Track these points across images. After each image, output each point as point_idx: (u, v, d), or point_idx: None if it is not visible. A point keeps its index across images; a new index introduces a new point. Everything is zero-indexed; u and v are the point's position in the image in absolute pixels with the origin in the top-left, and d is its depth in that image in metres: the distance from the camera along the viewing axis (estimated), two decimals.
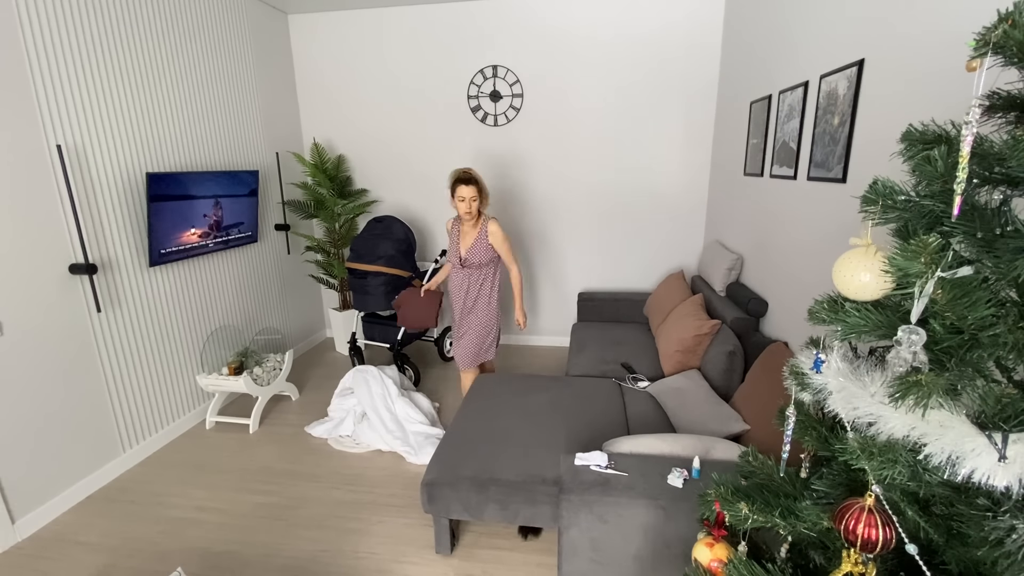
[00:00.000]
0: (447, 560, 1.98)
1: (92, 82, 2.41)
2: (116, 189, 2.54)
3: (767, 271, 2.59)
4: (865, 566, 0.80)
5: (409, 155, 4.12)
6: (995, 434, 0.63)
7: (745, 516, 0.93)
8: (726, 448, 1.73)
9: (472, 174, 2.51)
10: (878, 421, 0.72)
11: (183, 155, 2.96)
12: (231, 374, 2.98)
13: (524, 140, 3.94)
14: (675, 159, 3.82)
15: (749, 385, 2.08)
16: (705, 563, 1.05)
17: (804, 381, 0.88)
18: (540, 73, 3.79)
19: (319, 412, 3.16)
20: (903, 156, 0.77)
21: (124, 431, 2.63)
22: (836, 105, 1.90)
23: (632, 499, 1.51)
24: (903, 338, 0.69)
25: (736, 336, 2.45)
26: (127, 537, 2.14)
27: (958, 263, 0.66)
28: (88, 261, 2.34)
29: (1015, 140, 0.63)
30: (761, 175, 2.71)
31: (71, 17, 2.30)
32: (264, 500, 2.36)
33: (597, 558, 1.57)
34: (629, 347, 3.09)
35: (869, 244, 0.76)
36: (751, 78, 2.94)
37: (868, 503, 0.76)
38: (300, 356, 4.22)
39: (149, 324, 2.76)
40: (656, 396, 2.45)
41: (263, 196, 3.70)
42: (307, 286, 4.36)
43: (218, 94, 3.24)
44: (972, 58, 0.64)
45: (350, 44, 3.96)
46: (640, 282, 4.11)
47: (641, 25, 3.60)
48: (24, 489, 2.16)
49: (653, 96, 3.71)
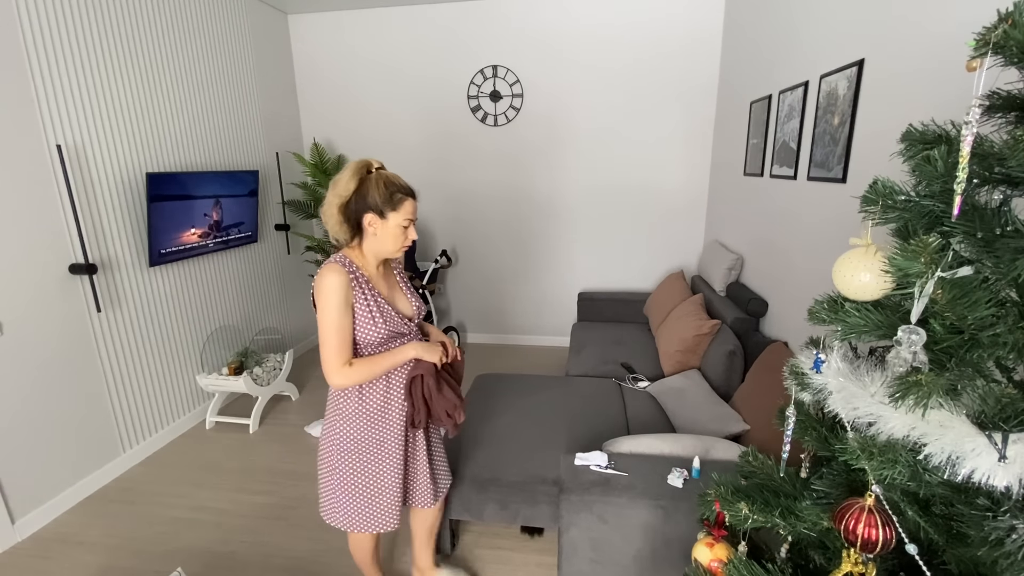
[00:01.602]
0: (447, 560, 1.98)
1: (92, 82, 2.41)
2: (116, 189, 2.54)
3: (767, 271, 2.59)
4: (865, 566, 0.80)
5: (409, 155, 4.12)
6: (995, 434, 0.63)
7: (745, 516, 0.93)
8: (726, 448, 1.73)
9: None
10: (878, 421, 0.72)
11: (183, 155, 2.96)
12: (231, 374, 2.98)
13: (524, 140, 3.94)
14: (675, 159, 3.82)
15: (749, 385, 2.08)
16: (705, 563, 1.05)
17: (804, 381, 0.88)
18: (540, 73, 3.79)
19: (319, 412, 3.16)
20: (903, 156, 0.77)
21: (124, 431, 2.63)
22: (836, 105, 1.90)
23: (632, 499, 1.51)
24: (903, 338, 0.69)
25: (736, 336, 2.44)
26: (127, 537, 2.14)
27: (958, 263, 0.66)
28: (88, 261, 2.34)
29: (1015, 140, 0.63)
30: (761, 175, 2.71)
31: (71, 17, 2.30)
32: (264, 500, 2.36)
33: (597, 558, 1.57)
34: (629, 347, 3.09)
35: (869, 244, 0.76)
36: (751, 78, 2.94)
37: (868, 503, 0.76)
38: (300, 356, 4.22)
39: (149, 324, 2.76)
40: (656, 396, 2.45)
41: (263, 196, 3.70)
42: (307, 286, 4.36)
43: (218, 94, 3.24)
44: (972, 58, 0.64)
45: (350, 44, 3.96)
46: (640, 282, 4.11)
47: (641, 25, 3.60)
48: (24, 489, 2.16)
49: (653, 96, 3.71)
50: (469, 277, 4.35)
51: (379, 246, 1.38)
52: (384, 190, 1.32)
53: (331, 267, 1.32)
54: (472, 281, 4.35)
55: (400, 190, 1.35)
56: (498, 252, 4.23)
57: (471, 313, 4.46)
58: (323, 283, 1.30)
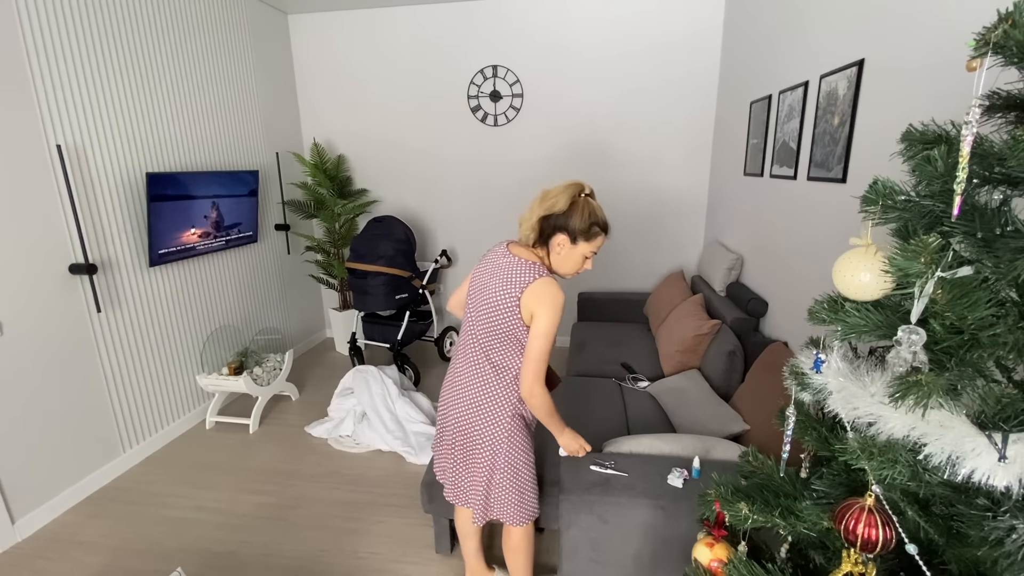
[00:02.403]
0: (447, 560, 1.98)
1: (92, 82, 2.41)
2: (116, 189, 2.54)
3: (767, 271, 2.59)
4: (865, 566, 0.80)
5: (409, 155, 4.12)
6: (995, 434, 0.63)
7: (745, 516, 0.93)
8: (726, 448, 1.73)
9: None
10: (878, 421, 0.72)
11: (183, 155, 2.96)
12: (231, 374, 2.98)
13: (524, 140, 3.94)
14: (675, 159, 3.82)
15: (749, 385, 2.08)
16: (705, 563, 1.05)
17: (804, 381, 0.88)
18: (540, 73, 3.79)
19: (319, 412, 3.16)
20: (903, 156, 0.77)
21: (124, 431, 2.63)
22: (836, 105, 1.90)
23: (632, 499, 1.51)
24: (903, 338, 0.69)
25: (736, 336, 2.44)
26: (127, 537, 2.14)
27: (958, 263, 0.66)
28: (88, 261, 2.34)
29: (1015, 140, 0.62)
30: (761, 175, 2.71)
31: (71, 17, 2.30)
32: (264, 500, 2.36)
33: (597, 558, 1.56)
34: (629, 347, 3.08)
35: (869, 244, 0.76)
36: (751, 78, 2.94)
37: (868, 503, 0.76)
38: (300, 356, 4.22)
39: (149, 324, 2.76)
40: (656, 396, 2.45)
41: (263, 196, 3.70)
42: (307, 286, 4.36)
43: (218, 94, 3.24)
44: (972, 58, 0.64)
45: (350, 44, 3.96)
46: (640, 282, 4.11)
47: (641, 25, 3.60)
48: (24, 489, 2.16)
49: (653, 95, 3.71)
50: None
51: (558, 264, 1.45)
52: (586, 220, 1.39)
53: (553, 280, 1.40)
54: None
55: (599, 224, 1.41)
56: None
57: None
58: (555, 293, 1.37)
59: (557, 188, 1.41)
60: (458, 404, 1.51)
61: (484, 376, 1.47)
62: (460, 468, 1.58)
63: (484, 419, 1.48)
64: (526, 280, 1.37)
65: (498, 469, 1.50)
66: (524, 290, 1.37)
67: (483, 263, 1.52)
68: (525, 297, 1.37)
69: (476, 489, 1.54)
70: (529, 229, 1.43)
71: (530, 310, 1.37)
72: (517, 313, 1.39)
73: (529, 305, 1.37)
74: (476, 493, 1.54)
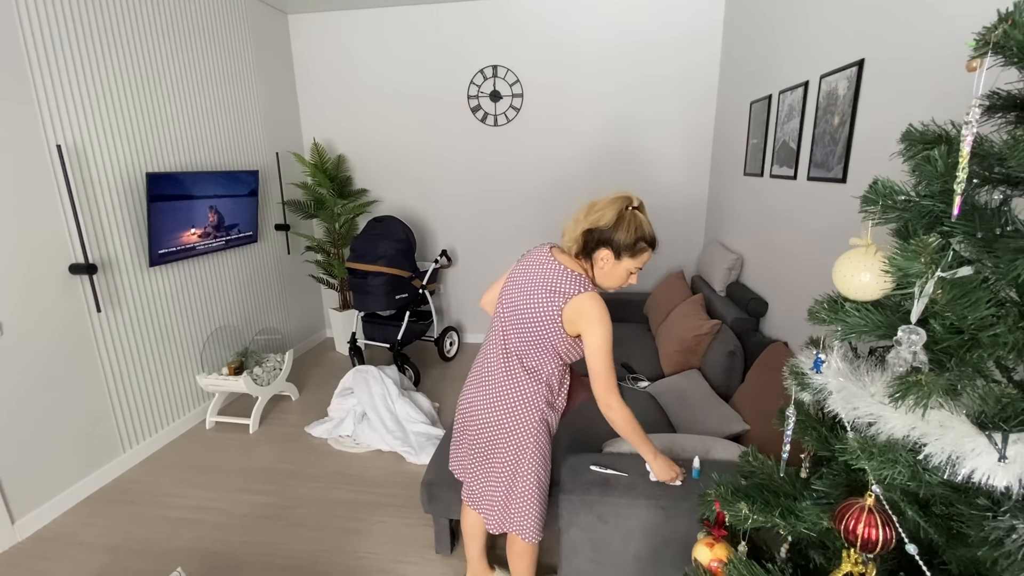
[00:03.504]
0: (447, 560, 1.98)
1: (92, 82, 2.41)
2: (116, 189, 2.54)
3: (767, 271, 2.59)
4: (865, 566, 0.80)
5: (409, 155, 4.12)
6: (995, 434, 0.63)
7: (745, 516, 0.93)
8: (726, 448, 1.73)
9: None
10: (878, 421, 0.72)
11: (183, 155, 2.96)
12: (231, 374, 2.98)
13: (524, 140, 3.94)
14: (675, 158, 3.82)
15: (749, 385, 2.08)
16: (705, 563, 1.05)
17: (804, 381, 0.88)
18: (540, 73, 3.79)
19: (319, 412, 3.16)
20: (903, 156, 0.77)
21: (124, 431, 2.63)
22: (836, 105, 1.90)
23: (632, 499, 1.51)
24: (903, 338, 0.69)
25: (736, 336, 2.44)
26: (127, 537, 2.14)
27: (958, 263, 0.66)
28: (88, 261, 2.34)
29: (1015, 140, 0.62)
30: (761, 175, 2.71)
31: (71, 17, 2.30)
32: (264, 500, 2.36)
33: (597, 558, 1.57)
34: (629, 347, 3.08)
35: (869, 244, 0.76)
36: (751, 78, 2.94)
37: (868, 503, 0.76)
38: (300, 356, 4.22)
39: (149, 324, 2.76)
40: (656, 396, 2.45)
41: (263, 196, 3.70)
42: (307, 286, 4.36)
43: (218, 94, 3.24)
44: (972, 58, 0.64)
45: (350, 44, 3.96)
46: (640, 282, 4.11)
47: (641, 25, 3.60)
48: (24, 489, 2.16)
49: (653, 95, 3.71)
50: (469, 277, 4.35)
51: (601, 279, 1.41)
52: (632, 235, 1.33)
53: (597, 296, 1.36)
54: (472, 281, 4.35)
55: (646, 239, 1.35)
56: (498, 252, 4.23)
57: (471, 313, 4.46)
58: (600, 310, 1.34)
59: (604, 200, 1.36)
60: (484, 402, 1.47)
61: (515, 376, 1.43)
62: (478, 470, 1.55)
63: (513, 418, 1.44)
64: (570, 292, 1.34)
65: (520, 475, 1.46)
66: (568, 302, 1.34)
67: (523, 263, 1.48)
68: (568, 310, 1.34)
69: (494, 495, 1.51)
70: (572, 241, 1.39)
71: (573, 323, 1.35)
72: (558, 322, 1.36)
73: (572, 319, 1.34)
74: (493, 500, 1.51)
